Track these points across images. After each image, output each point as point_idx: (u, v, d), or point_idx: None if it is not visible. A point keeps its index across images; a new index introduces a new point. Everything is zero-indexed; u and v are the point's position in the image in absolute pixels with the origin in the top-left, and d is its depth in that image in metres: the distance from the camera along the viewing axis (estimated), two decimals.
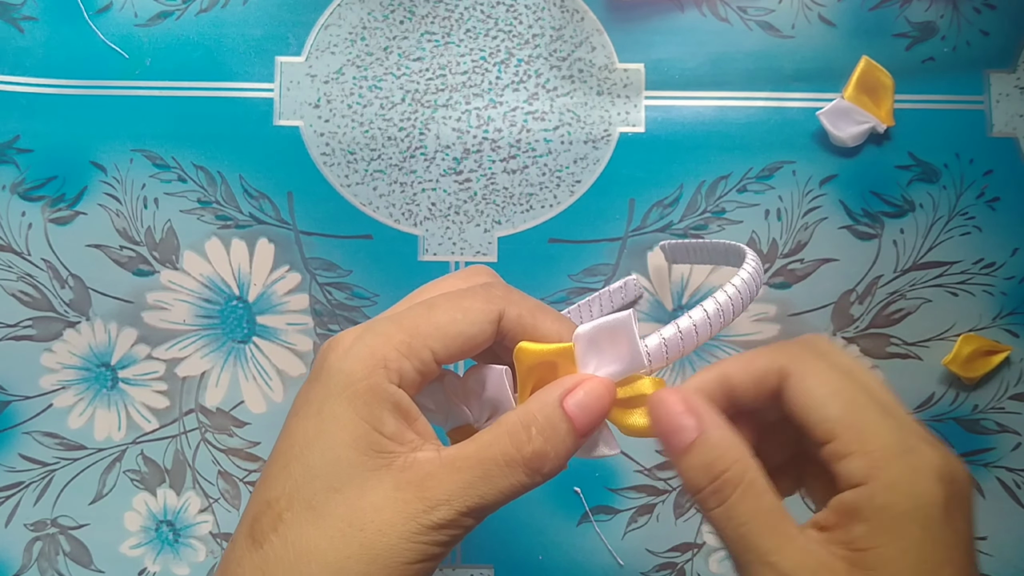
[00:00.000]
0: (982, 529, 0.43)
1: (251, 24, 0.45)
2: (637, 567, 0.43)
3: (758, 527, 0.25)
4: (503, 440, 0.26)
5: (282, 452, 0.26)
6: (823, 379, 0.25)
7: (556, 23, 0.45)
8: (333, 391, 0.26)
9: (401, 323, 0.27)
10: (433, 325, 0.27)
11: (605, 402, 0.27)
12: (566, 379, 0.27)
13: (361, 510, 0.25)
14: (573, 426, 0.26)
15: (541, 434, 0.26)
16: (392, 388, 0.26)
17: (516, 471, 0.26)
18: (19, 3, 0.45)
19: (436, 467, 0.25)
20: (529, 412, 0.26)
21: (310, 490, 0.25)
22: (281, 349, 0.44)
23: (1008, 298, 0.44)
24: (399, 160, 0.44)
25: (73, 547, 0.43)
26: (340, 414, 0.25)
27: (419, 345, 0.26)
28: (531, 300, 0.28)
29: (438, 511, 0.25)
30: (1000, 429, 0.43)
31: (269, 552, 0.25)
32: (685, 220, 0.44)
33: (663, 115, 0.44)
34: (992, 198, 0.44)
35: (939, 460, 0.24)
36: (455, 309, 0.27)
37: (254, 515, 0.26)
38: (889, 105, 0.44)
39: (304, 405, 0.27)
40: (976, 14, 0.45)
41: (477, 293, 0.28)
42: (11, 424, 0.43)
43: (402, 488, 0.25)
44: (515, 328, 0.28)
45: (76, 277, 0.44)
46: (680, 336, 0.27)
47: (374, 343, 0.26)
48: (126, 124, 0.44)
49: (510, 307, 0.28)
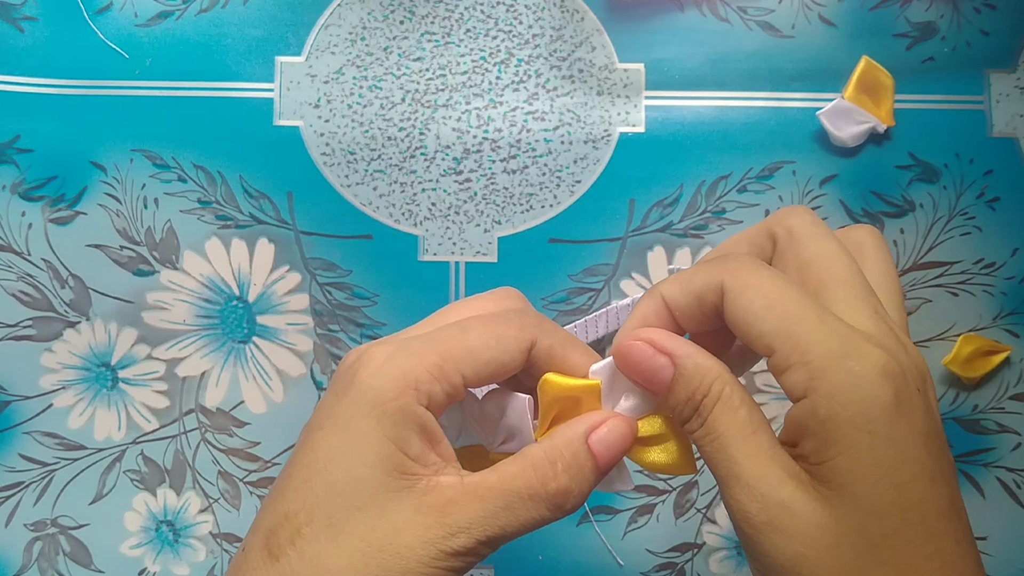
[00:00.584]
0: (982, 529, 0.43)
1: (251, 24, 0.45)
2: (637, 567, 0.43)
3: (731, 439, 0.25)
4: (528, 473, 0.26)
5: (304, 466, 0.26)
6: (759, 291, 0.25)
7: (556, 23, 0.45)
8: (362, 409, 0.25)
9: (435, 345, 0.26)
10: (466, 349, 0.26)
11: (628, 441, 0.27)
12: (591, 415, 0.27)
13: (381, 531, 0.25)
14: (596, 462, 0.26)
15: (567, 471, 0.26)
16: (420, 410, 0.26)
17: (539, 505, 0.26)
18: (19, 3, 0.45)
19: (458, 493, 0.25)
20: (555, 448, 0.26)
21: (331, 507, 0.25)
22: (281, 349, 0.44)
23: (1008, 298, 0.44)
24: (399, 160, 0.44)
25: (73, 547, 0.43)
26: (368, 432, 0.25)
27: (451, 369, 0.26)
28: (562, 332, 0.28)
29: (458, 538, 0.25)
30: (1000, 429, 0.43)
31: (286, 566, 0.25)
32: (685, 220, 0.44)
33: (663, 115, 0.44)
34: (992, 198, 0.44)
35: (882, 357, 0.23)
36: (489, 335, 0.27)
37: (271, 527, 0.26)
38: (889, 105, 0.44)
39: (329, 420, 0.26)
40: (976, 14, 0.45)
41: (511, 320, 0.27)
42: (11, 424, 0.43)
43: (423, 512, 0.25)
44: (544, 359, 0.28)
45: (76, 277, 0.44)
46: None
47: (407, 364, 0.26)
48: (126, 124, 0.44)
49: (543, 337, 0.27)
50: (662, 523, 0.43)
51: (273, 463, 0.43)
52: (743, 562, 0.43)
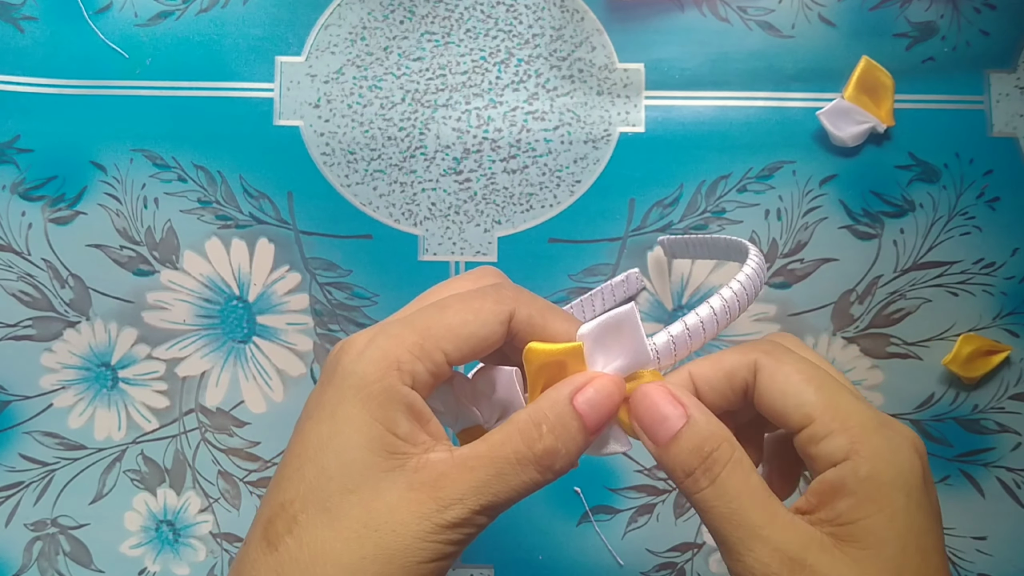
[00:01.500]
0: (982, 529, 0.43)
1: (251, 24, 0.45)
2: (637, 567, 0.43)
3: (749, 502, 0.25)
4: (515, 438, 0.26)
5: (296, 455, 0.26)
6: (796, 368, 0.26)
7: (556, 23, 0.45)
8: (347, 394, 0.26)
9: (413, 325, 0.27)
10: (445, 327, 0.27)
11: (615, 399, 0.27)
12: (576, 377, 0.27)
13: (376, 511, 0.25)
14: (583, 423, 0.26)
15: (552, 431, 0.26)
16: (405, 390, 0.26)
17: (528, 468, 0.26)
18: (19, 3, 0.45)
19: (449, 467, 0.25)
20: (540, 410, 0.26)
21: (324, 492, 0.25)
22: (281, 349, 0.44)
23: (1008, 298, 0.44)
24: (399, 160, 0.44)
25: (73, 547, 0.43)
26: (354, 416, 0.25)
27: (431, 347, 0.26)
28: (541, 300, 0.29)
29: (452, 510, 0.25)
30: (1000, 429, 0.43)
31: (284, 554, 0.25)
32: (685, 220, 0.44)
33: (663, 115, 0.44)
34: (992, 198, 0.44)
35: (911, 433, 0.26)
36: (466, 310, 0.27)
37: (268, 518, 0.26)
38: (889, 105, 0.44)
39: (317, 408, 0.27)
40: (976, 14, 0.45)
41: (488, 294, 0.28)
42: (11, 424, 0.43)
43: (416, 488, 0.25)
44: (525, 328, 0.28)
45: (76, 277, 0.44)
46: (688, 333, 0.28)
47: (387, 345, 0.26)
48: (126, 124, 0.44)
49: (520, 307, 0.28)
50: (662, 523, 0.43)
51: (273, 463, 0.43)
52: None
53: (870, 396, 0.43)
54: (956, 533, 0.43)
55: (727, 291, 0.29)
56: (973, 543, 0.43)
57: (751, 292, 0.30)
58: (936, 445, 0.43)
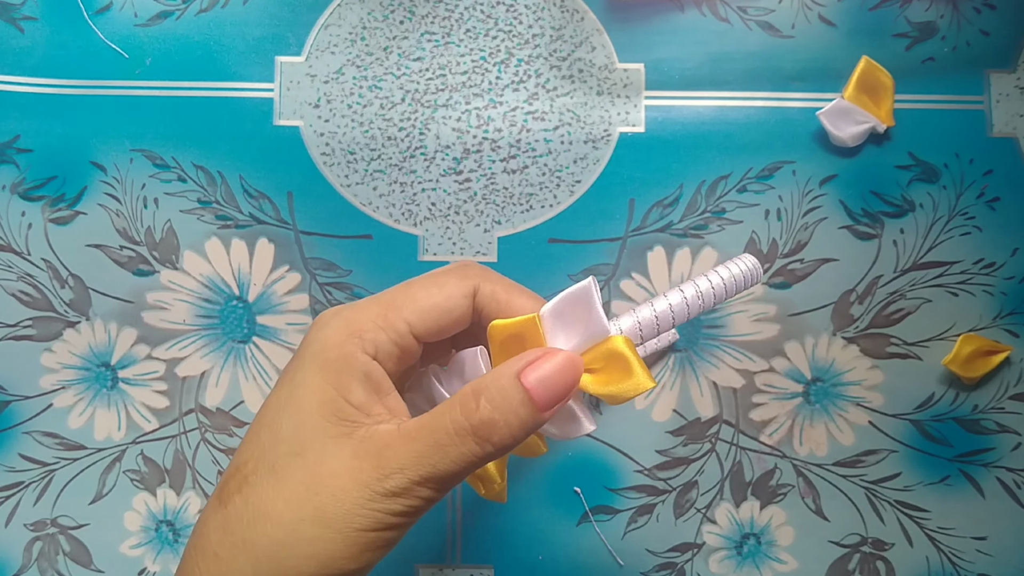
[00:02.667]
0: (982, 529, 0.43)
1: (251, 24, 0.45)
2: (637, 567, 0.43)
3: None
4: (454, 409, 0.26)
5: (257, 420, 0.27)
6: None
7: (556, 23, 0.45)
8: (307, 360, 0.27)
9: (379, 298, 0.28)
10: (408, 298, 0.28)
11: (567, 375, 0.27)
12: (529, 352, 0.27)
13: (319, 475, 0.26)
14: (530, 397, 0.26)
15: (490, 402, 0.26)
16: (364, 358, 0.27)
17: (466, 440, 0.26)
18: (19, 3, 0.45)
19: (393, 438, 0.26)
20: (482, 383, 0.27)
21: (274, 454, 0.26)
22: (281, 349, 0.44)
23: (1008, 298, 0.44)
24: (399, 160, 0.44)
25: (73, 547, 0.43)
26: (309, 380, 0.26)
27: (394, 317, 0.27)
28: (507, 280, 0.30)
29: (391, 479, 0.25)
30: (1000, 429, 0.43)
31: (231, 511, 0.26)
32: (685, 220, 0.44)
33: (663, 115, 0.44)
34: (992, 198, 0.44)
35: None
36: (431, 284, 0.28)
37: (224, 479, 0.27)
38: (889, 105, 0.44)
39: (282, 376, 0.28)
40: (976, 14, 0.45)
41: (452, 271, 0.29)
42: (11, 424, 0.43)
43: (360, 457, 0.26)
44: (490, 304, 0.29)
45: (76, 277, 0.44)
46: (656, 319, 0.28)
47: (350, 315, 0.27)
48: (126, 124, 0.44)
49: (484, 283, 0.29)
50: (662, 523, 0.43)
51: None
52: (743, 562, 0.43)
53: (870, 396, 0.43)
54: (956, 533, 0.43)
55: (704, 281, 0.28)
56: (973, 543, 0.43)
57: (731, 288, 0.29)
58: (936, 445, 0.43)
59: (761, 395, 0.43)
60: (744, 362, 0.43)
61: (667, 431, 0.43)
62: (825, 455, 0.43)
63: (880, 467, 0.43)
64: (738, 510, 0.43)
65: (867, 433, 0.43)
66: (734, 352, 0.43)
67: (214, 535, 0.26)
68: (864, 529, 0.43)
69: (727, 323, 0.44)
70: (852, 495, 0.43)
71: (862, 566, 0.43)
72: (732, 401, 0.43)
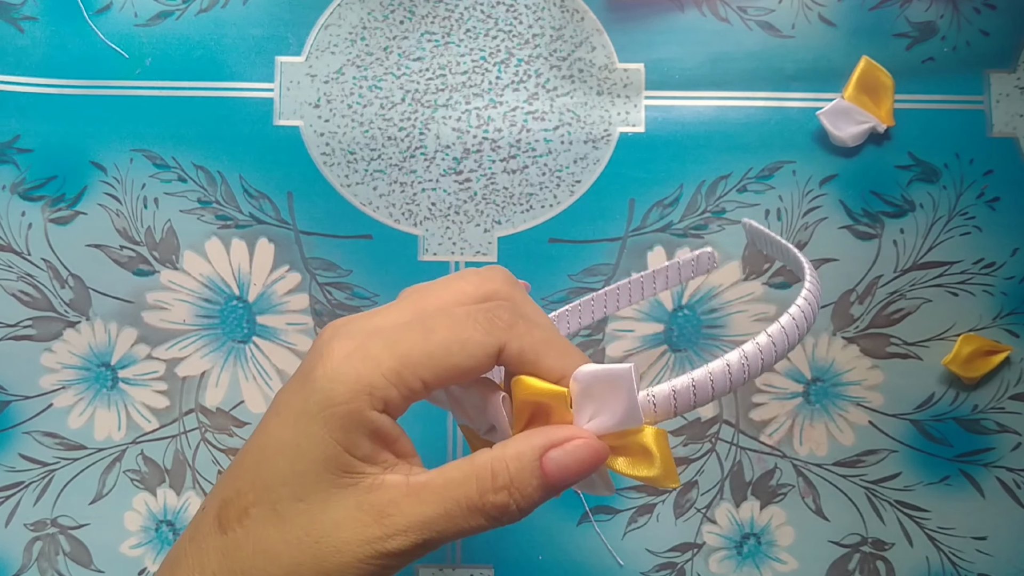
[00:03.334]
0: (982, 529, 0.43)
1: (251, 24, 0.45)
2: (637, 567, 0.43)
3: None
4: (470, 483, 0.26)
5: (258, 448, 0.27)
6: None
7: (556, 23, 0.45)
8: (312, 408, 0.26)
9: (395, 348, 0.26)
10: (426, 354, 0.26)
11: (586, 466, 0.26)
12: (556, 430, 0.26)
13: (321, 524, 0.25)
14: (546, 481, 0.26)
15: (506, 488, 0.26)
16: (373, 415, 0.26)
17: (476, 516, 0.26)
18: (19, 3, 0.45)
19: (401, 494, 0.26)
20: (502, 460, 0.26)
21: (277, 495, 0.26)
22: (281, 349, 0.44)
23: (1008, 298, 0.44)
24: (399, 160, 0.44)
25: (73, 547, 0.43)
26: (315, 433, 0.25)
27: (409, 375, 0.26)
28: (538, 332, 0.27)
29: (395, 540, 0.25)
30: (1000, 429, 0.43)
31: (231, 539, 0.26)
32: (685, 220, 0.44)
33: (663, 115, 0.44)
34: (992, 198, 0.44)
35: None
36: (453, 339, 0.26)
37: (224, 498, 0.27)
38: (889, 105, 0.44)
39: (285, 408, 0.27)
40: (976, 14, 0.45)
41: (479, 322, 0.26)
42: (11, 424, 0.43)
43: (364, 509, 0.25)
44: (515, 363, 0.27)
45: (76, 277, 0.44)
46: (693, 389, 0.26)
47: (363, 368, 0.26)
48: (126, 124, 0.44)
49: (513, 341, 0.27)
50: (662, 523, 0.43)
51: None
52: (743, 562, 0.43)
53: (870, 396, 0.43)
54: (956, 533, 0.43)
55: (751, 345, 0.26)
56: (973, 543, 0.43)
57: (780, 348, 0.27)
58: (936, 445, 0.43)
59: (761, 395, 0.43)
60: None
61: (667, 431, 0.43)
62: (825, 455, 0.43)
63: (880, 467, 0.43)
64: (738, 510, 0.43)
65: (867, 433, 0.43)
66: None
67: (213, 555, 0.26)
68: (864, 529, 0.43)
69: (727, 323, 0.44)
70: (852, 495, 0.43)
71: (862, 566, 0.43)
72: (732, 401, 0.43)
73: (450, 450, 0.43)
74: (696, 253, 0.41)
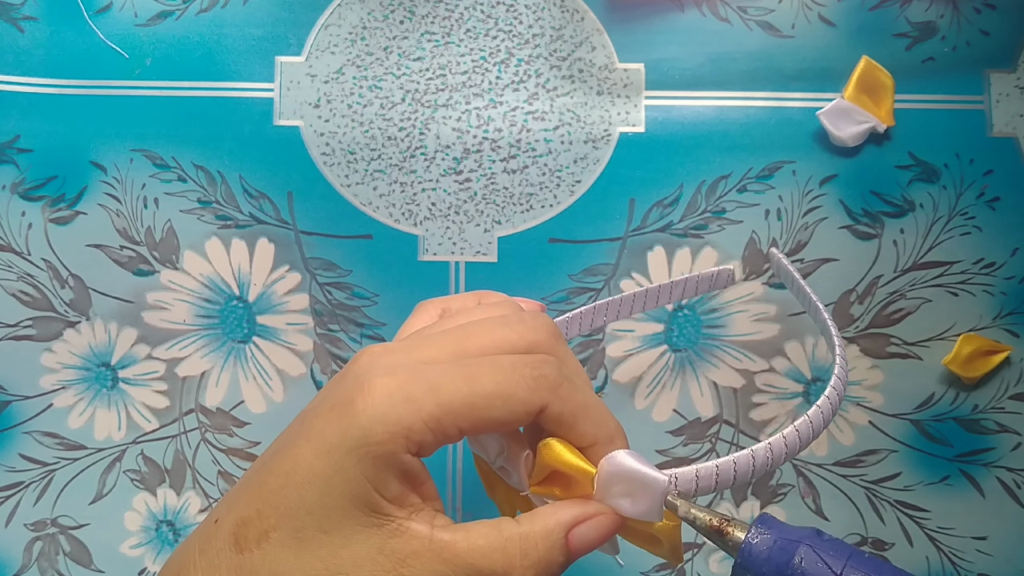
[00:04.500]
0: (982, 529, 0.43)
1: (251, 24, 0.45)
2: (637, 567, 0.43)
3: None
4: (496, 556, 0.26)
5: (284, 472, 0.26)
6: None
7: (556, 23, 0.45)
8: (347, 443, 0.25)
9: (438, 394, 0.26)
10: (468, 405, 0.26)
11: (606, 538, 0.27)
12: (581, 507, 0.27)
13: (341, 558, 0.25)
14: (570, 556, 0.27)
15: (534, 567, 0.26)
16: (406, 458, 0.26)
17: None
18: (19, 3, 0.45)
19: (424, 548, 0.26)
20: (531, 537, 0.26)
21: (300, 522, 0.26)
22: (281, 349, 0.44)
23: (1008, 298, 0.44)
24: (399, 160, 0.44)
25: (73, 547, 0.43)
26: (347, 468, 0.25)
27: (448, 423, 0.26)
28: (580, 396, 0.27)
29: None
30: (1000, 429, 0.43)
31: (247, 560, 0.26)
32: (685, 220, 0.44)
33: (663, 115, 0.44)
34: (992, 198, 0.44)
35: None
36: (496, 394, 0.26)
37: (243, 517, 0.26)
38: (889, 105, 0.44)
39: (318, 437, 0.26)
40: (976, 14, 0.45)
41: (525, 378, 0.26)
42: (11, 424, 0.43)
43: (386, 554, 0.25)
44: (552, 424, 0.27)
45: (76, 277, 0.44)
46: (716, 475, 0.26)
47: (403, 411, 0.25)
48: (126, 124, 0.44)
49: (555, 403, 0.27)
50: None
51: None
52: None
53: (870, 396, 0.43)
54: (956, 533, 0.43)
55: (777, 439, 0.27)
56: (973, 543, 0.43)
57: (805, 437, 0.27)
58: (936, 445, 0.43)
59: (761, 395, 0.43)
60: (744, 362, 0.43)
61: (667, 431, 0.43)
62: (825, 455, 0.43)
63: (880, 467, 0.43)
64: (738, 510, 0.43)
65: (867, 433, 0.43)
66: (734, 352, 0.43)
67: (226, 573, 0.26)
68: (864, 529, 0.43)
69: (727, 323, 0.44)
70: (852, 495, 0.43)
71: None
72: (732, 401, 0.43)
73: (449, 457, 0.43)
74: (716, 269, 0.41)
